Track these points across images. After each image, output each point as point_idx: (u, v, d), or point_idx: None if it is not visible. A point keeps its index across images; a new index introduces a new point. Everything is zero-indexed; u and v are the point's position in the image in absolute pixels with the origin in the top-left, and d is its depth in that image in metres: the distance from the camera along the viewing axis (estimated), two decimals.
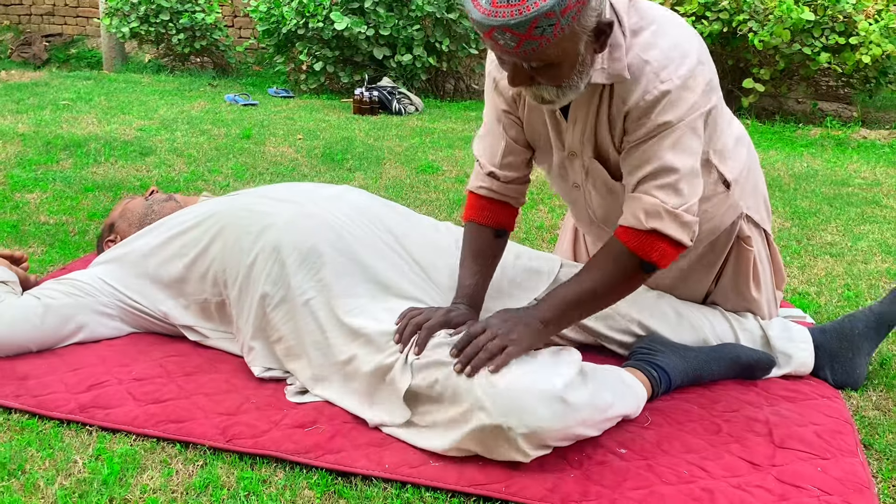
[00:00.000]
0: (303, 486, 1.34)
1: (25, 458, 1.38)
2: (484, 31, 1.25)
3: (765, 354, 1.71)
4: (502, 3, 1.21)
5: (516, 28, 1.22)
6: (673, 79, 1.38)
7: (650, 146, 1.40)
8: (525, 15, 1.20)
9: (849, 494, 1.35)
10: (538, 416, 1.31)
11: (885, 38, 4.88)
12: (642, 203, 1.40)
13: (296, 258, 1.59)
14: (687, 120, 1.39)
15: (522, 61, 1.30)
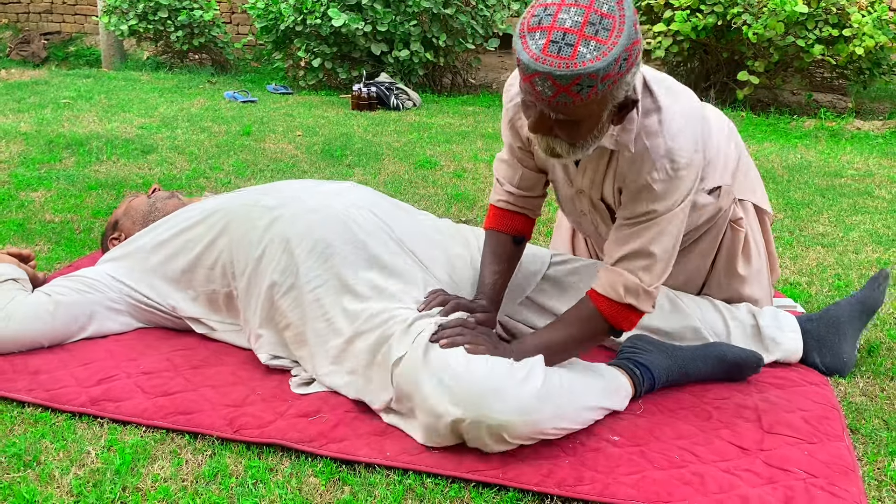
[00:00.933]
0: (308, 474, 1.39)
1: (40, 449, 1.43)
2: (526, 73, 1.27)
3: (752, 353, 1.71)
4: (552, 53, 1.23)
5: (559, 79, 1.24)
6: (666, 170, 1.46)
7: (636, 231, 1.51)
8: (571, 70, 1.23)
9: (834, 477, 1.40)
10: (505, 412, 1.36)
11: (877, 30, 4.92)
12: (624, 279, 1.50)
13: (305, 248, 1.65)
14: (674, 210, 1.50)
15: (551, 111, 1.32)
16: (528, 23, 1.27)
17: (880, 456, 1.50)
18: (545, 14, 1.25)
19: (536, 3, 1.28)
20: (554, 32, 1.24)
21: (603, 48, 1.23)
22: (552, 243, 2.21)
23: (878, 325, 2.07)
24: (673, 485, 1.36)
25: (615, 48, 1.23)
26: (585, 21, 1.23)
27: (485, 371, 1.40)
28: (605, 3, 1.24)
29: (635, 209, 1.51)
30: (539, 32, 1.25)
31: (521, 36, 1.28)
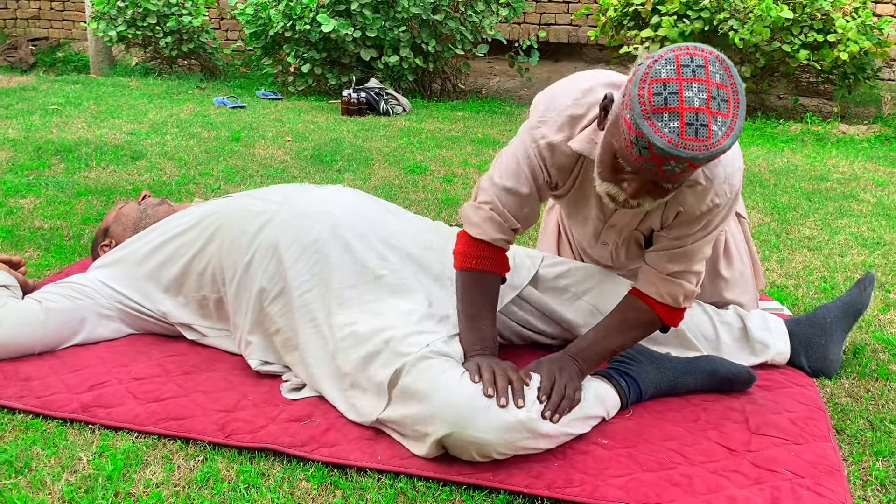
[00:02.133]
0: (300, 479, 1.39)
1: (31, 456, 1.43)
2: (659, 156, 1.25)
3: (744, 369, 1.71)
4: (690, 136, 1.22)
5: (697, 161, 1.25)
6: (726, 194, 1.52)
7: (691, 248, 1.57)
8: (710, 152, 1.23)
9: (820, 477, 1.42)
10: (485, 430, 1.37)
11: (861, 35, 4.98)
12: (683, 290, 1.59)
13: (293, 253, 1.66)
14: (724, 225, 1.56)
15: (668, 183, 1.33)
16: (650, 102, 1.23)
17: (865, 456, 1.52)
18: (668, 93, 1.23)
19: (650, 79, 1.24)
20: (687, 115, 1.22)
21: (728, 122, 1.24)
22: (538, 245, 2.22)
23: (864, 328, 2.10)
24: (661, 486, 1.38)
25: (738, 120, 1.25)
26: (709, 97, 1.22)
27: (472, 392, 1.41)
28: (716, 73, 1.24)
29: (691, 229, 1.55)
30: (668, 114, 1.22)
31: (645, 117, 1.24)
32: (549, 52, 7.05)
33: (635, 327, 1.63)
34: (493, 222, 1.62)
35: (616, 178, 1.38)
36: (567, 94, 1.55)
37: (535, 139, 1.57)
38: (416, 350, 1.48)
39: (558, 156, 1.56)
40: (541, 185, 1.61)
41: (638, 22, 5.61)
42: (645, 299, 1.61)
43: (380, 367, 1.50)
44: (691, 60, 1.24)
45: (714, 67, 1.24)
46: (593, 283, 1.86)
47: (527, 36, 6.88)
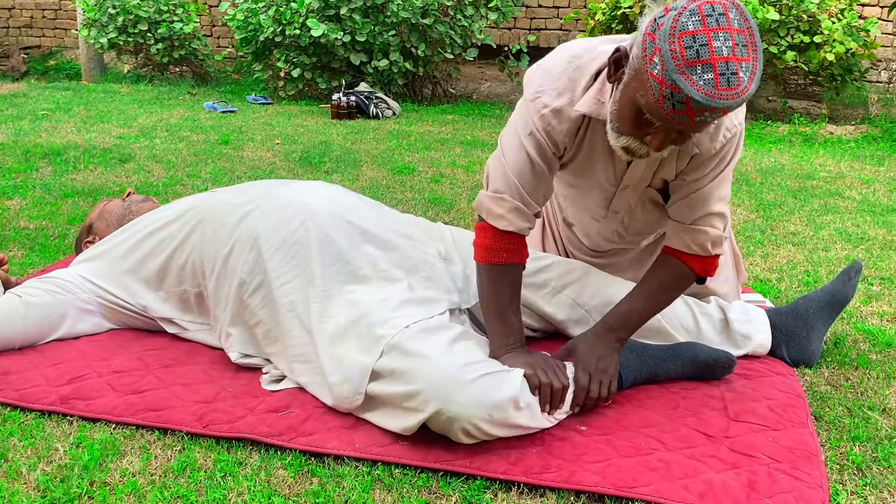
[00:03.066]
0: (277, 467, 1.39)
1: (7, 447, 1.42)
2: (696, 108, 1.26)
3: (724, 354, 1.70)
4: (724, 86, 1.23)
5: (731, 108, 1.26)
6: (735, 125, 1.52)
7: (707, 190, 1.57)
8: (741, 99, 1.25)
9: (797, 462, 1.42)
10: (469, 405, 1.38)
11: (847, 37, 5.01)
12: (709, 236, 1.59)
13: (272, 245, 1.66)
14: (736, 158, 1.57)
15: (695, 132, 1.35)
16: (682, 55, 1.23)
17: (843, 441, 1.52)
18: (698, 45, 1.23)
19: (678, 33, 1.24)
20: (719, 65, 1.23)
21: (751, 66, 1.25)
22: None
23: (845, 319, 2.10)
24: (638, 471, 1.38)
25: (758, 63, 1.26)
26: (734, 44, 1.24)
27: (454, 367, 1.41)
28: (735, 19, 1.25)
29: (706, 169, 1.55)
30: (701, 66, 1.23)
31: (679, 72, 1.24)
32: (539, 56, 7.06)
33: (669, 285, 1.64)
34: (517, 212, 1.59)
35: (640, 132, 1.38)
36: (559, 61, 1.55)
37: (537, 110, 1.54)
38: (396, 332, 1.49)
39: (563, 121, 1.54)
40: (549, 157, 1.58)
41: (626, 25, 5.64)
42: (674, 254, 1.63)
43: (362, 351, 1.50)
44: (713, 9, 1.25)
45: (733, 13, 1.25)
46: (574, 277, 1.87)
47: (517, 40, 6.91)
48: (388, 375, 1.46)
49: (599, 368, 1.57)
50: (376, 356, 1.47)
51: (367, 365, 1.48)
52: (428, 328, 1.52)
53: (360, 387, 1.48)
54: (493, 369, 1.44)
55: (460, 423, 1.38)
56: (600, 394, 1.56)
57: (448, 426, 1.40)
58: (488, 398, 1.39)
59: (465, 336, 1.54)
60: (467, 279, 1.80)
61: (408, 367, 1.43)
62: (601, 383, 1.56)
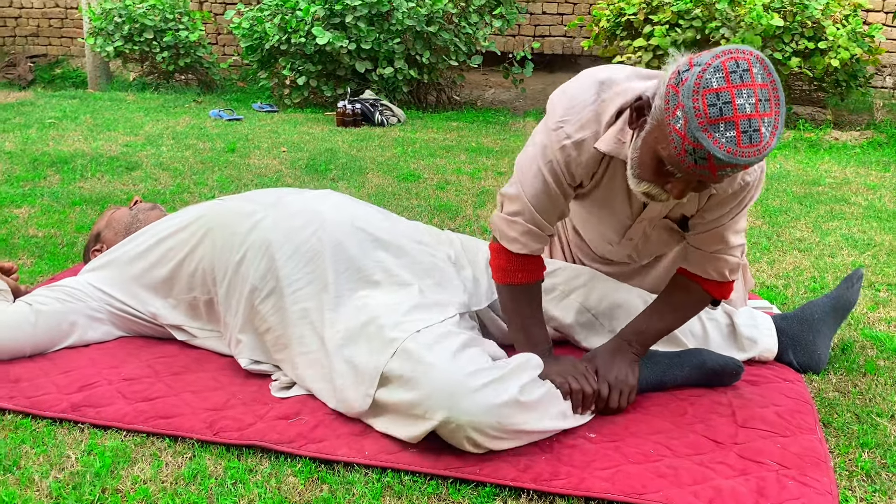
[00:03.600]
0: (287, 474, 1.40)
1: (20, 454, 1.43)
2: (717, 165, 1.28)
3: (732, 360, 1.72)
4: (745, 144, 1.26)
5: (752, 164, 1.28)
6: (753, 171, 1.54)
7: (728, 225, 1.60)
8: (762, 155, 1.27)
9: (806, 468, 1.43)
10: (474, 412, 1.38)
11: (852, 42, 5.01)
12: (728, 265, 1.64)
13: (285, 252, 1.68)
14: (757, 195, 1.60)
15: (717, 183, 1.39)
16: (706, 114, 1.25)
17: (851, 448, 1.52)
18: (721, 103, 1.25)
19: (703, 90, 1.26)
20: (741, 122, 1.25)
21: (772, 121, 1.27)
22: None
23: (852, 325, 2.11)
24: (647, 478, 1.38)
25: (780, 118, 1.28)
26: (757, 100, 1.25)
27: (461, 375, 1.42)
28: (759, 74, 1.26)
29: (725, 209, 1.58)
30: (724, 124, 1.25)
31: (703, 129, 1.26)
32: (544, 63, 7.10)
33: (686, 306, 1.68)
34: (531, 235, 1.61)
35: (660, 180, 1.40)
36: (585, 89, 1.54)
37: (559, 140, 1.53)
38: (406, 335, 1.49)
39: (584, 154, 1.54)
40: (565, 187, 1.59)
41: (630, 31, 5.66)
42: (692, 277, 1.66)
43: (372, 353, 1.51)
44: (737, 66, 1.26)
45: (756, 68, 1.27)
46: (580, 282, 1.88)
47: (521, 47, 6.92)
48: (396, 381, 1.46)
49: (619, 379, 1.61)
50: (387, 358, 1.48)
51: (378, 367, 1.48)
52: (437, 334, 1.52)
53: (370, 389, 1.48)
54: (499, 375, 1.44)
55: (466, 433, 1.39)
56: (619, 403, 1.59)
57: (455, 435, 1.40)
58: (494, 404, 1.39)
59: (472, 343, 1.55)
60: (476, 282, 1.82)
61: (415, 374, 1.44)
62: (621, 393, 1.60)
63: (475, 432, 1.39)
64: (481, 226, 2.94)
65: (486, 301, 1.81)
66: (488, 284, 1.84)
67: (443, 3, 5.61)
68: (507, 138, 4.91)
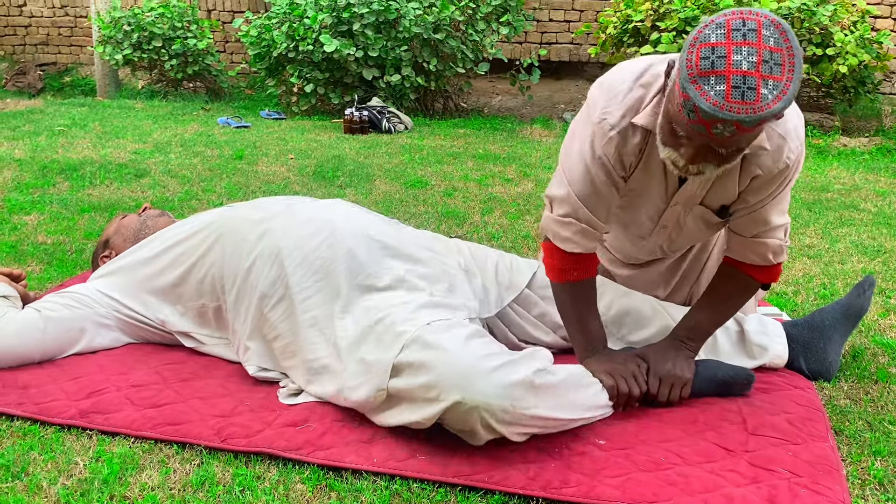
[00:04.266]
0: (295, 481, 1.39)
1: (28, 461, 1.43)
2: (705, 119, 1.26)
3: (743, 372, 1.70)
4: (736, 99, 1.22)
5: (745, 124, 1.25)
6: (796, 148, 1.51)
7: (769, 207, 1.58)
8: (757, 114, 1.23)
9: (818, 476, 1.41)
10: (489, 394, 1.37)
11: (860, 49, 5.00)
12: (769, 247, 1.62)
13: (294, 259, 1.67)
14: (796, 178, 1.57)
15: (721, 147, 1.33)
16: (697, 65, 1.24)
17: (864, 456, 1.51)
18: (715, 56, 1.23)
19: (699, 44, 1.25)
20: (733, 77, 1.22)
21: (780, 86, 1.23)
22: (539, 255, 2.22)
23: (864, 332, 2.09)
24: (658, 485, 1.37)
25: (791, 84, 1.24)
26: (759, 60, 1.22)
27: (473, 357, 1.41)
28: (770, 37, 1.23)
29: (768, 190, 1.55)
30: (715, 77, 1.23)
31: (691, 80, 1.25)
32: (551, 70, 7.10)
33: (734, 295, 1.68)
34: (584, 234, 1.62)
35: (674, 142, 1.39)
36: (624, 80, 1.53)
37: (603, 134, 1.53)
38: (415, 328, 1.49)
39: (629, 140, 1.53)
40: (616, 180, 1.59)
41: (637, 38, 5.66)
42: (737, 265, 1.65)
43: (383, 349, 1.50)
44: (743, 24, 1.24)
45: (768, 31, 1.23)
46: None
47: (528, 54, 6.93)
48: (408, 368, 1.45)
49: (672, 374, 1.63)
50: (397, 351, 1.47)
51: (389, 360, 1.47)
52: (447, 325, 1.52)
53: (383, 383, 1.47)
54: (510, 359, 1.43)
55: (480, 414, 1.37)
56: (670, 397, 1.61)
57: (468, 418, 1.39)
58: (506, 383, 1.38)
59: (482, 334, 1.54)
60: (486, 291, 1.81)
61: (427, 358, 1.43)
62: (672, 387, 1.62)
63: (488, 414, 1.37)
64: (489, 232, 2.94)
65: (496, 309, 1.81)
66: (498, 293, 1.83)
67: (450, 10, 5.62)
68: (515, 145, 4.91)
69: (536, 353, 1.49)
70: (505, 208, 3.33)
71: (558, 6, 7.02)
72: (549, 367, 1.47)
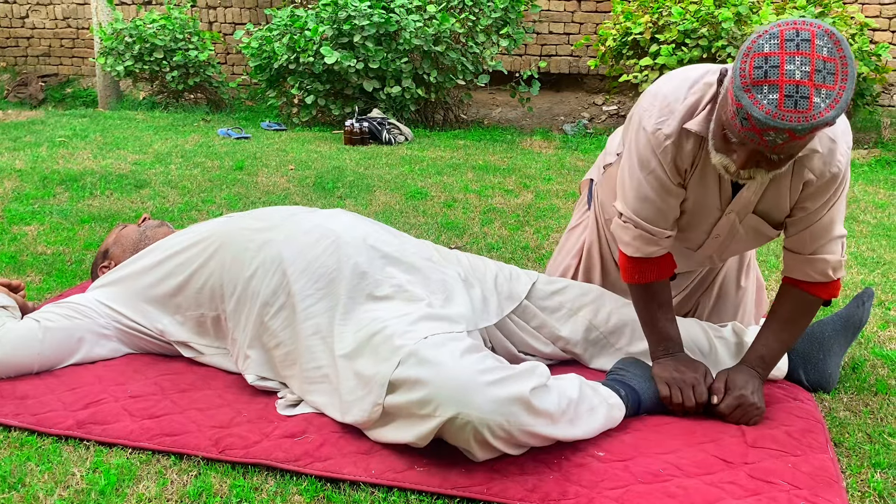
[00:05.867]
0: (293, 493, 1.39)
1: (25, 472, 1.43)
2: (759, 127, 1.29)
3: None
4: (789, 108, 1.25)
5: (797, 132, 1.27)
6: (845, 153, 1.53)
7: (825, 218, 1.59)
8: (810, 123, 1.26)
9: (818, 488, 1.41)
10: (483, 409, 1.36)
11: (859, 61, 5.02)
12: (829, 263, 1.62)
13: (297, 267, 1.68)
14: (848, 180, 1.58)
15: (772, 154, 1.35)
16: (750, 75, 1.27)
17: (864, 468, 1.51)
18: (769, 66, 1.25)
19: (752, 53, 1.28)
20: (787, 87, 1.25)
21: (833, 94, 1.25)
22: (549, 265, 2.21)
23: (863, 344, 2.09)
24: (657, 498, 1.37)
25: (844, 93, 1.26)
26: (812, 69, 1.24)
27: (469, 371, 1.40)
28: (824, 47, 1.25)
29: (823, 198, 1.56)
30: (768, 87, 1.25)
31: (745, 89, 1.28)
32: (551, 82, 7.13)
33: (798, 315, 1.68)
34: (642, 239, 1.66)
35: (727, 148, 1.41)
36: (678, 88, 1.57)
37: (659, 144, 1.56)
38: (413, 342, 1.48)
39: (683, 149, 1.56)
40: (672, 189, 1.61)
41: (637, 51, 5.68)
42: (797, 284, 1.66)
43: (380, 362, 1.50)
44: (797, 35, 1.26)
45: (821, 41, 1.25)
46: (588, 299, 1.88)
47: (528, 66, 6.96)
48: (404, 385, 1.45)
49: (751, 402, 1.61)
50: (394, 365, 1.47)
51: (386, 375, 1.47)
52: (444, 339, 1.51)
53: (379, 398, 1.47)
54: (508, 374, 1.43)
55: (476, 429, 1.37)
56: (739, 422, 1.61)
57: (463, 433, 1.38)
58: (503, 398, 1.37)
59: (479, 349, 1.53)
60: (485, 301, 1.81)
61: (423, 374, 1.42)
62: (745, 415, 1.61)
63: (485, 430, 1.37)
64: (488, 243, 2.94)
65: (496, 318, 1.80)
66: (497, 304, 1.83)
67: (450, 22, 5.65)
68: (514, 156, 4.92)
69: (535, 370, 1.48)
70: (505, 219, 3.33)
71: (558, 19, 7.05)
72: (547, 383, 1.46)
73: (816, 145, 1.50)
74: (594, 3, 6.94)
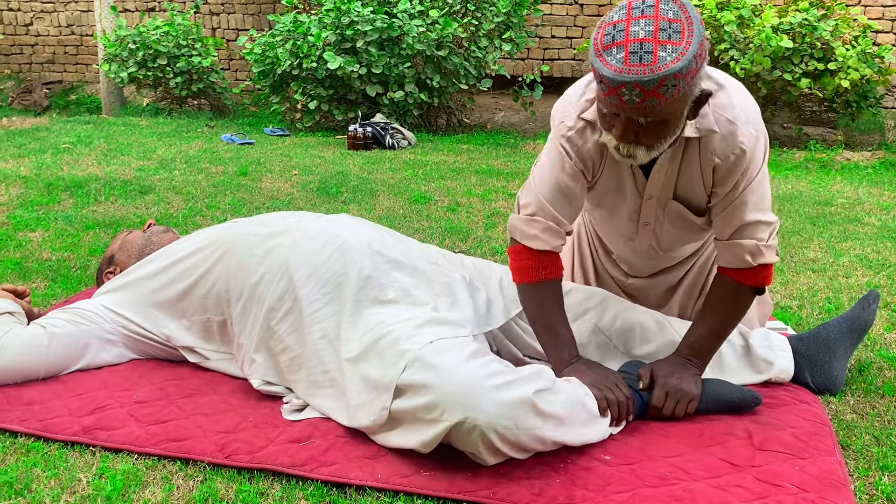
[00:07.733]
0: (299, 498, 1.39)
1: (32, 478, 1.43)
2: (612, 86, 1.35)
3: (749, 393, 1.68)
4: (634, 62, 1.33)
5: (646, 84, 1.33)
6: (750, 133, 1.56)
7: (738, 204, 1.61)
8: (656, 74, 1.32)
9: (826, 491, 1.40)
10: (490, 412, 1.37)
11: (862, 63, 5.02)
12: (745, 248, 1.62)
13: (304, 272, 1.68)
14: (763, 167, 1.61)
15: (640, 117, 1.40)
16: (601, 42, 1.36)
17: (871, 471, 1.50)
18: (616, 31, 1.35)
19: (604, 24, 1.37)
20: (631, 44, 1.33)
21: (679, 49, 1.32)
22: None
23: (869, 346, 2.08)
24: (664, 501, 1.36)
25: (690, 47, 1.33)
26: (657, 28, 1.33)
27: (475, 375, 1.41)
28: (669, 10, 1.34)
29: (731, 181, 1.59)
30: (615, 48, 1.34)
31: (597, 55, 1.36)
32: (553, 86, 7.13)
33: (724, 302, 1.68)
34: (550, 231, 1.68)
35: (607, 124, 1.47)
36: (578, 86, 1.66)
37: (562, 134, 1.65)
38: (419, 347, 1.48)
39: (587, 139, 1.62)
40: (578, 178, 1.67)
41: None
42: (724, 271, 1.68)
43: (386, 366, 1.50)
44: (643, 2, 1.35)
45: (666, 6, 1.34)
46: (593, 302, 1.87)
47: (530, 70, 6.96)
48: (410, 389, 1.45)
49: (678, 388, 1.63)
50: (400, 370, 1.47)
51: (392, 380, 1.47)
52: (450, 344, 1.51)
53: (386, 402, 1.47)
54: (514, 377, 1.43)
55: (483, 433, 1.37)
56: (675, 412, 1.62)
57: (470, 437, 1.38)
58: (510, 401, 1.38)
59: (484, 353, 1.53)
60: (490, 304, 1.81)
61: (429, 379, 1.42)
62: (678, 402, 1.62)
63: (493, 433, 1.37)
64: (492, 247, 2.94)
65: (503, 319, 1.80)
66: (503, 306, 1.83)
67: (453, 27, 5.66)
68: (517, 160, 4.92)
69: (540, 373, 1.48)
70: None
71: (560, 22, 7.06)
72: (552, 386, 1.46)
73: (713, 126, 1.54)
74: (596, 6, 6.95)
